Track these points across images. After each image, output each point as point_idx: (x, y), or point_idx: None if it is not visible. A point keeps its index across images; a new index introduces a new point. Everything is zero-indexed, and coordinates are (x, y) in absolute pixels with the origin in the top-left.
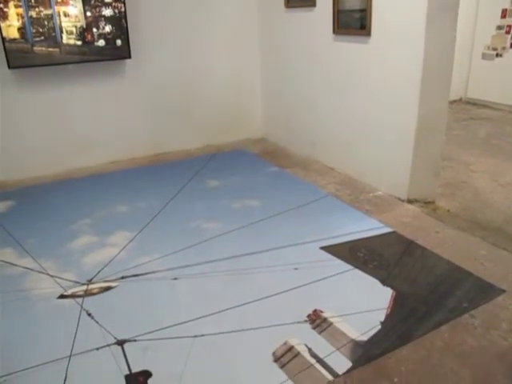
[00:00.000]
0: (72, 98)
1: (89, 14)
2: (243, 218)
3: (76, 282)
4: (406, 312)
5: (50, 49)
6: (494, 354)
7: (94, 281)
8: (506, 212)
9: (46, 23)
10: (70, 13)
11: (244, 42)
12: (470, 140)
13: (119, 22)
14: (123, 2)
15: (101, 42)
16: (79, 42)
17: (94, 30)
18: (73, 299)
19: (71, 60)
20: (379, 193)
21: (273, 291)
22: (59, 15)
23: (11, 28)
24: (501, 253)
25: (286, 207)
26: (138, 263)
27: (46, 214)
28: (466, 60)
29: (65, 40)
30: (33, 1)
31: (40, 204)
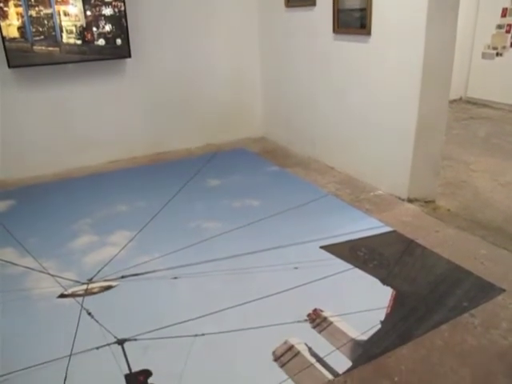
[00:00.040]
0: (72, 97)
1: (89, 13)
2: (243, 218)
3: (76, 281)
4: (406, 311)
5: (50, 48)
6: (493, 354)
7: (94, 280)
8: (506, 211)
9: (46, 22)
10: (69, 12)
11: (244, 41)
12: (470, 139)
13: (119, 21)
14: (123, 1)
15: (101, 41)
16: (79, 41)
17: (94, 29)
18: (73, 298)
19: (71, 59)
20: (379, 192)
21: (273, 290)
22: (59, 14)
23: (11, 27)
24: (501, 252)
25: (286, 206)
26: (138, 262)
27: (46, 213)
28: (466, 59)
29: (65, 39)
30: (33, 0)
31: (40, 203)
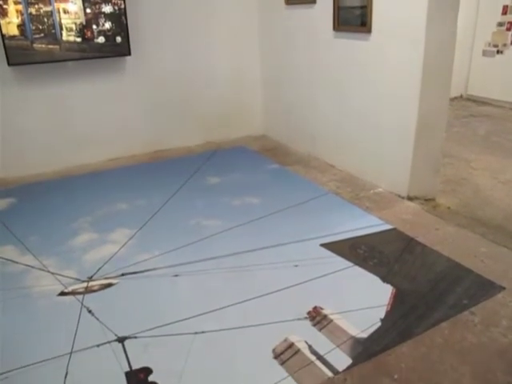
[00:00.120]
0: (72, 95)
1: (88, 10)
2: (243, 216)
3: (76, 279)
4: (406, 309)
5: (50, 46)
6: (493, 351)
7: (94, 278)
8: (506, 209)
9: (46, 20)
10: (69, 10)
11: (244, 38)
12: (470, 137)
13: (119, 18)
14: None
15: (100, 39)
16: (79, 39)
17: (94, 26)
18: (73, 296)
19: (71, 57)
20: (379, 190)
21: (273, 288)
22: (59, 12)
23: (11, 25)
24: (501, 250)
25: (286, 204)
26: (139, 260)
27: (46, 211)
28: (466, 57)
29: (64, 37)
30: None
31: (41, 201)
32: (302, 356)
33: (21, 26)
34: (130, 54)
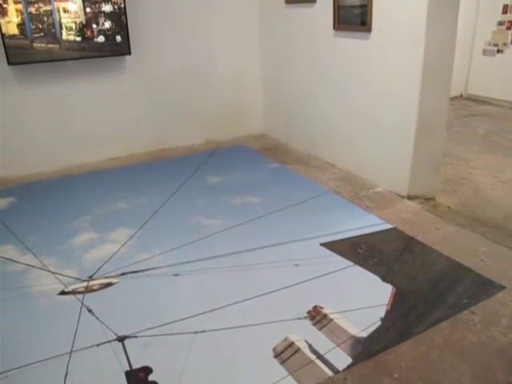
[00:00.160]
0: (72, 94)
1: (88, 9)
2: (244, 215)
3: (77, 278)
4: (406, 308)
5: (50, 45)
6: (493, 350)
7: (94, 277)
8: (505, 209)
9: (46, 19)
10: (69, 9)
11: (244, 38)
12: (470, 136)
13: (119, 18)
14: None
15: (100, 38)
16: (79, 38)
17: (94, 26)
18: (73, 295)
19: (71, 56)
20: (379, 189)
21: (273, 287)
22: (59, 11)
23: (11, 24)
24: (501, 249)
25: (286, 203)
26: (139, 259)
27: (46, 210)
28: (466, 56)
29: (64, 36)
30: None
31: (41, 200)
32: (302, 355)
33: (21, 25)
34: (129, 54)
